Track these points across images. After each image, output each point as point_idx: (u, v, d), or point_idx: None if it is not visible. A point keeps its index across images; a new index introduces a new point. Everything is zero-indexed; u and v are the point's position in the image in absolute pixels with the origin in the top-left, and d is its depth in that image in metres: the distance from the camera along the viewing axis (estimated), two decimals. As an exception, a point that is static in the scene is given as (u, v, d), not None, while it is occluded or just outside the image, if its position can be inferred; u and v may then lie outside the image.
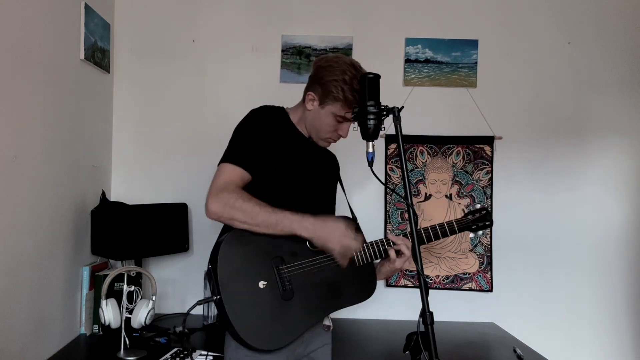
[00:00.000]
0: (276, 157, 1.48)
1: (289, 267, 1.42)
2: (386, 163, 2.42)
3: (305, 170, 1.55)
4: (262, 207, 1.37)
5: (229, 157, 1.45)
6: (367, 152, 1.24)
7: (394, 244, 1.50)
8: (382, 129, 1.24)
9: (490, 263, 2.41)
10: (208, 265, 1.40)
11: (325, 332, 1.59)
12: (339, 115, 1.47)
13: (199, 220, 2.35)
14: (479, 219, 1.63)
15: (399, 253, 1.50)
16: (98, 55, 2.16)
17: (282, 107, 1.59)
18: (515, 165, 2.43)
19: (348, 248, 1.41)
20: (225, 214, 1.36)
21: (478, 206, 1.66)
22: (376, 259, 1.54)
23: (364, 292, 1.54)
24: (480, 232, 1.64)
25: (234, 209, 1.35)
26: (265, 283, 1.38)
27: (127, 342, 1.83)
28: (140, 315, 1.82)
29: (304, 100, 1.55)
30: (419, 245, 1.18)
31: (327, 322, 1.58)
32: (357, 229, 1.52)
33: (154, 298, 1.86)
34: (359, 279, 1.52)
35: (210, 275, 1.38)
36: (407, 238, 1.51)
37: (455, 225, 1.60)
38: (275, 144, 1.48)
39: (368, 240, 1.55)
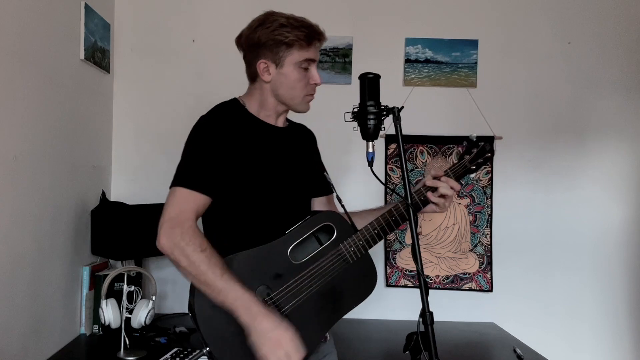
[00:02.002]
0: (244, 158, 1.32)
1: (276, 294, 1.27)
2: (386, 163, 2.42)
3: (282, 159, 1.40)
4: (213, 266, 1.18)
5: (182, 179, 1.28)
6: (367, 152, 1.23)
7: (434, 189, 1.36)
8: (382, 129, 1.24)
9: (490, 263, 2.41)
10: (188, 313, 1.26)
11: (322, 343, 1.43)
12: (301, 60, 1.33)
13: (199, 220, 2.34)
14: (477, 155, 1.42)
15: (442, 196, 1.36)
16: (98, 55, 2.16)
17: (235, 99, 1.44)
18: (515, 165, 2.43)
19: None
20: (172, 255, 1.21)
21: (474, 136, 1.41)
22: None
23: (365, 288, 1.38)
24: (482, 168, 1.43)
25: (182, 255, 1.19)
26: None
27: (127, 342, 1.83)
28: (140, 315, 1.82)
29: (254, 79, 1.41)
30: (418, 244, 1.17)
31: None
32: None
33: (154, 298, 1.86)
34: (356, 276, 1.36)
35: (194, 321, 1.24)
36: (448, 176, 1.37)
37: (450, 175, 1.41)
38: (238, 146, 1.32)
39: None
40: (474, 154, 1.42)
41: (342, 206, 1.43)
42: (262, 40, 1.33)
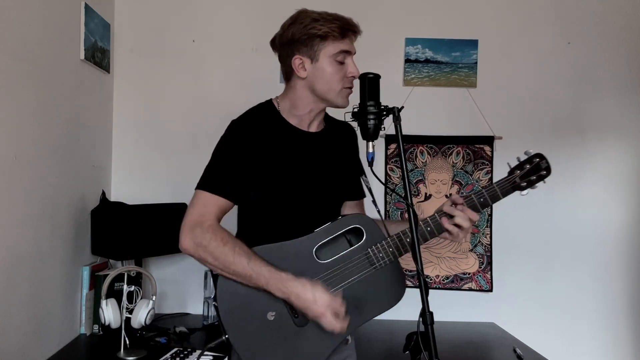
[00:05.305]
0: (270, 164, 1.33)
1: None
2: (386, 163, 2.42)
3: (310, 165, 1.39)
4: (238, 255, 1.23)
5: (205, 183, 1.30)
6: (367, 152, 1.23)
7: (450, 216, 1.29)
8: (382, 129, 1.24)
9: (490, 263, 2.41)
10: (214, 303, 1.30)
11: (343, 345, 1.43)
12: (336, 52, 1.32)
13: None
14: (531, 172, 1.31)
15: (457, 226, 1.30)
16: (98, 55, 2.16)
17: (270, 101, 1.43)
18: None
19: (329, 325, 1.23)
20: (196, 254, 1.26)
21: (531, 152, 1.30)
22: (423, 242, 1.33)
23: (393, 296, 1.37)
24: (536, 185, 1.30)
25: (206, 252, 1.24)
26: (274, 314, 1.27)
27: (127, 342, 1.83)
28: (140, 315, 1.82)
29: (289, 77, 1.39)
30: (419, 244, 1.17)
31: None
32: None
33: (154, 298, 1.86)
34: (384, 283, 1.35)
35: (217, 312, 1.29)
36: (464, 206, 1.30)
37: (498, 190, 1.32)
38: (265, 152, 1.33)
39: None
40: (527, 170, 1.32)
41: (378, 211, 1.39)
42: (295, 36, 1.32)
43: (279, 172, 1.34)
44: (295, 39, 1.33)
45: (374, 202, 1.40)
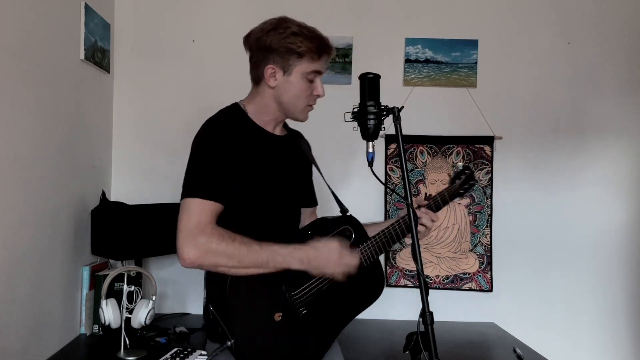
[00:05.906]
0: (247, 166, 1.34)
1: (301, 290, 1.33)
2: (386, 163, 2.42)
3: (280, 169, 1.43)
4: (249, 245, 1.23)
5: (195, 190, 1.27)
6: (367, 152, 1.23)
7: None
8: (382, 129, 1.24)
9: (490, 263, 2.41)
10: (209, 306, 1.29)
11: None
12: (309, 71, 1.35)
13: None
14: (465, 181, 1.59)
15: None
16: (98, 55, 2.16)
17: (237, 104, 1.46)
18: (515, 165, 2.43)
19: (347, 267, 1.32)
20: (206, 261, 1.22)
21: (460, 165, 1.57)
22: (392, 244, 1.46)
23: (373, 293, 1.47)
24: (469, 193, 1.63)
25: (217, 255, 1.21)
26: (280, 315, 1.29)
27: (127, 342, 1.83)
28: (140, 315, 1.82)
29: (258, 82, 1.41)
30: (417, 236, 1.17)
31: None
32: (351, 237, 1.41)
33: (154, 298, 1.86)
34: (366, 281, 1.44)
35: (215, 317, 1.27)
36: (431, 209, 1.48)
37: (446, 195, 1.54)
38: (243, 154, 1.34)
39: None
40: (463, 180, 1.58)
41: (344, 209, 1.48)
42: (273, 45, 1.35)
43: (258, 174, 1.36)
44: (272, 48, 1.35)
45: (342, 211, 1.48)
